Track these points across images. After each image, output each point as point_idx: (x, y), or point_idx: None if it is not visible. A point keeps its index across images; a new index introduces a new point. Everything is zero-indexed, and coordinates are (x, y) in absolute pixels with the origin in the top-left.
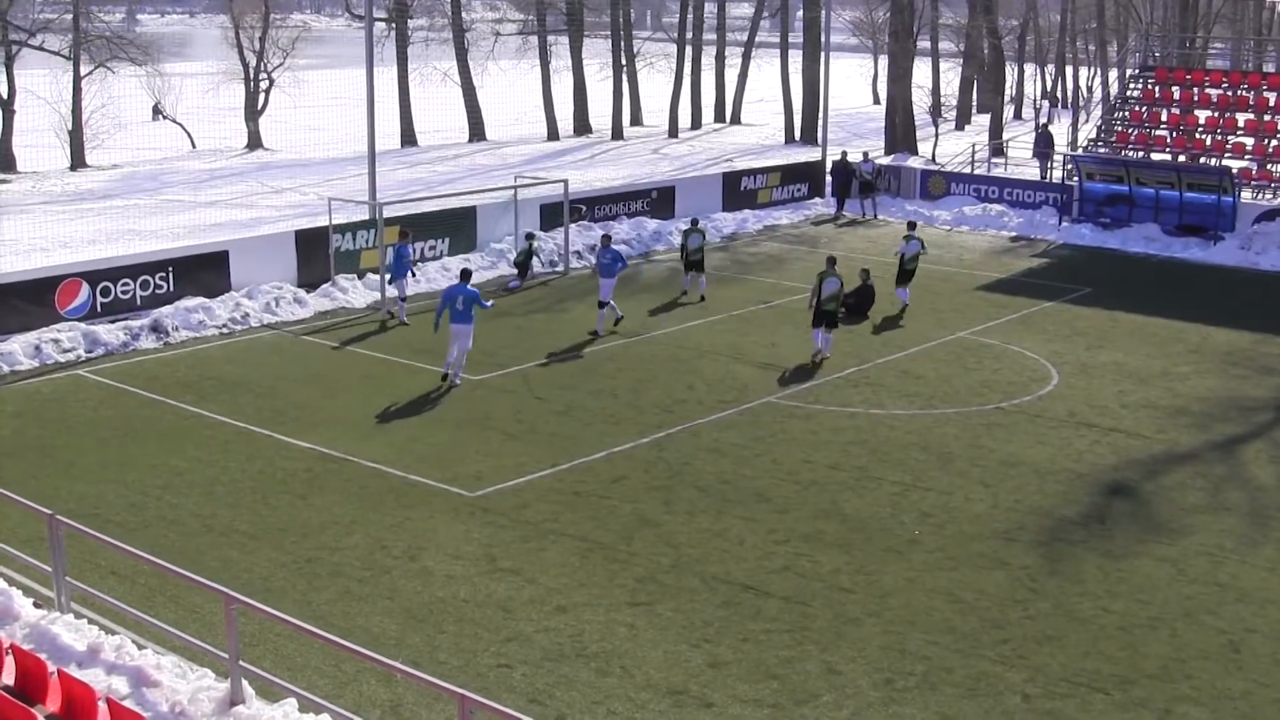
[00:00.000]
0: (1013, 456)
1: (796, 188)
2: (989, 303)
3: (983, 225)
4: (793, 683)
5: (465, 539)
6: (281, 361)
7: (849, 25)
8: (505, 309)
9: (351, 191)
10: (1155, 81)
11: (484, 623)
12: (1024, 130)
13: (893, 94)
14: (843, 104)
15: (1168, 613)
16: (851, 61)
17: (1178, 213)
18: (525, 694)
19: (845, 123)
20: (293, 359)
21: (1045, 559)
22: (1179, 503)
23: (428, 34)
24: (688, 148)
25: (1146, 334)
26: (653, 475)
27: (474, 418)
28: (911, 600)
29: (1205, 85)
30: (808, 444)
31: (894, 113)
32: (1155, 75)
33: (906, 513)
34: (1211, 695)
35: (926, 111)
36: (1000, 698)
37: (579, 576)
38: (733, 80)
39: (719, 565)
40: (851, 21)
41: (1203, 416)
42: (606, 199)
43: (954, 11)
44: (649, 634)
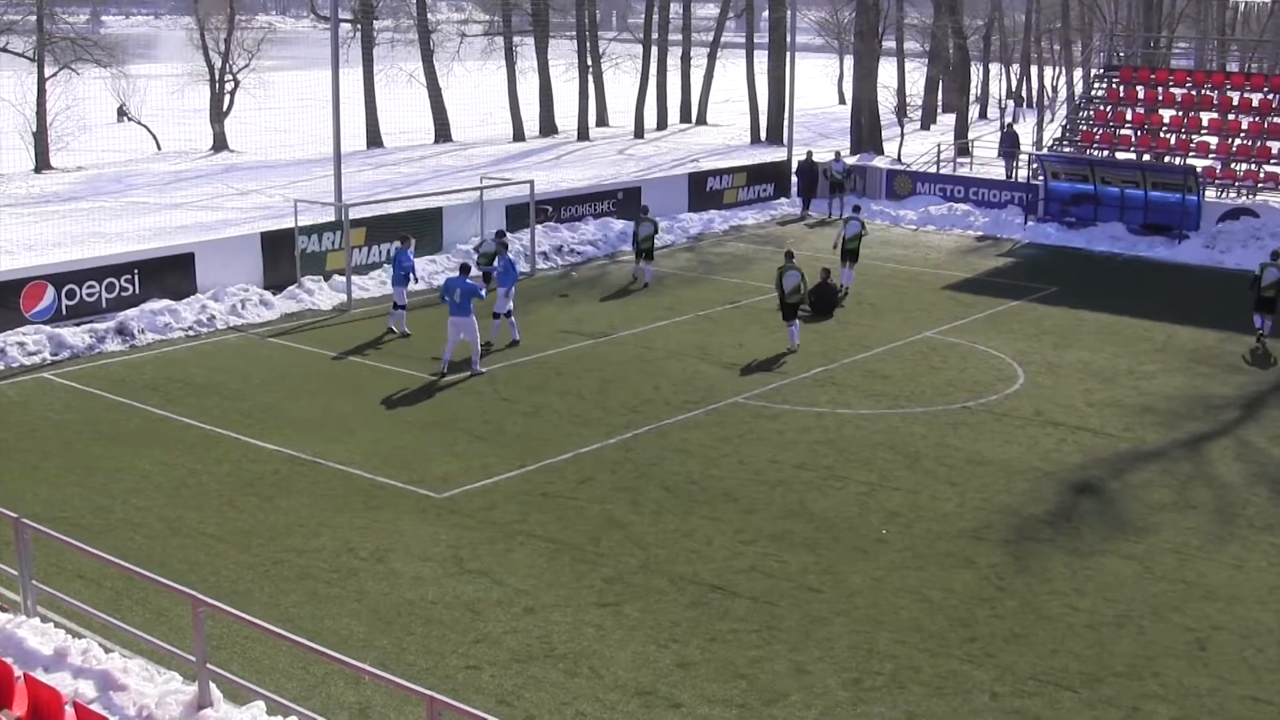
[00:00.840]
0: (980, 455)
1: (762, 188)
2: (955, 302)
3: (949, 225)
4: (761, 682)
5: (433, 540)
6: (248, 364)
7: (814, 25)
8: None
9: (317, 193)
10: (1120, 81)
11: (452, 624)
12: (989, 130)
13: (858, 94)
14: (808, 104)
15: (1135, 610)
16: (817, 61)
17: (1143, 212)
18: (494, 695)
19: (811, 123)
20: (259, 361)
21: (1013, 557)
22: (1146, 501)
23: (393, 35)
24: (653, 148)
25: (1112, 333)
26: (620, 476)
27: (441, 419)
28: (879, 599)
29: (1169, 84)
30: (775, 444)
31: (859, 112)
32: (1120, 75)
33: (874, 512)
34: (1179, 693)
35: (892, 111)
36: (968, 696)
37: (547, 577)
38: (698, 81)
39: (687, 565)
40: (817, 21)
41: (1169, 415)
42: (572, 200)
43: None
44: (617, 634)
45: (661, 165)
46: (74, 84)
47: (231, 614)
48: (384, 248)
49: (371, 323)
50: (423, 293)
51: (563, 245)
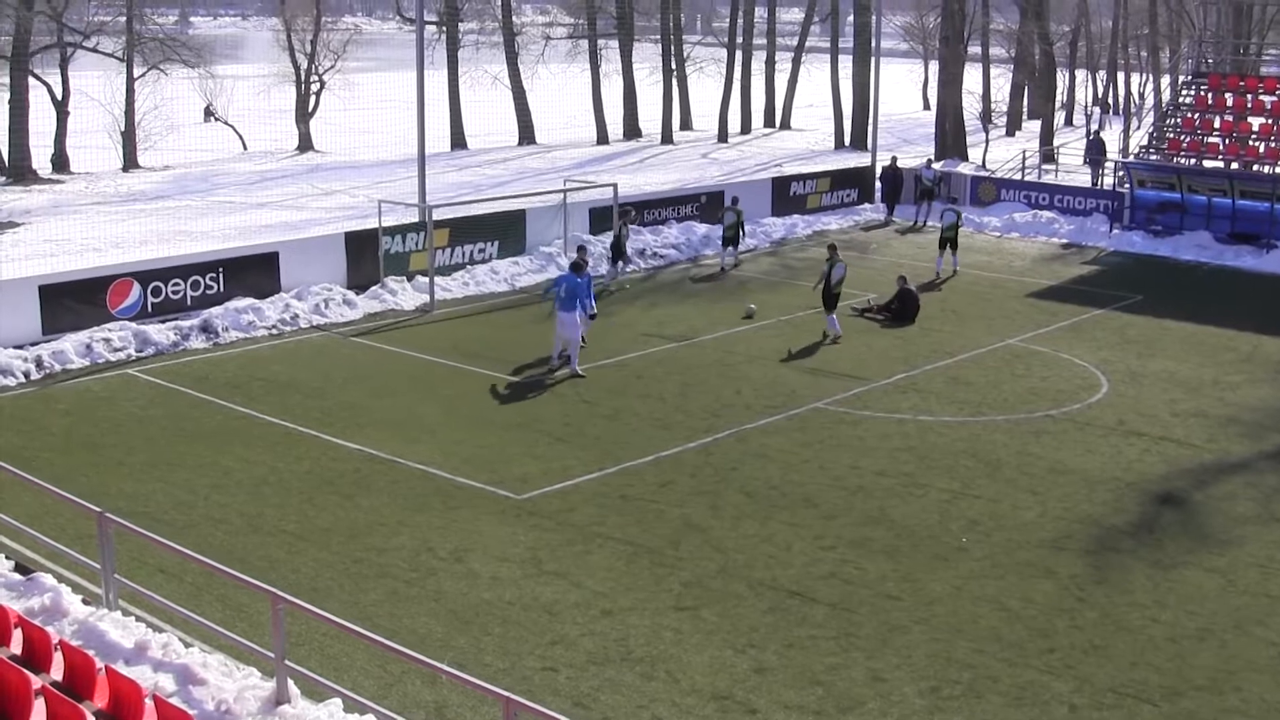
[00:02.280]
0: (1061, 464)
1: (846, 193)
2: (1039, 310)
3: (1033, 232)
4: (838, 690)
5: (511, 541)
6: (330, 363)
7: (899, 30)
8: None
9: (401, 194)
10: (1208, 88)
11: (529, 625)
12: (1075, 136)
13: (943, 99)
14: (892, 109)
15: (1217, 624)
16: (902, 67)
17: (1230, 220)
18: (570, 697)
19: (895, 128)
20: (341, 360)
21: (1093, 568)
22: (1229, 513)
23: (478, 37)
24: (737, 152)
25: (1197, 342)
26: (700, 480)
27: (521, 420)
28: (958, 608)
29: (1259, 92)
30: (855, 450)
31: (944, 118)
32: (1208, 82)
33: (954, 520)
34: (1260, 708)
35: (977, 117)
36: (1047, 707)
37: (625, 580)
38: (782, 85)
39: (765, 571)
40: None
41: (1254, 426)
42: (655, 203)
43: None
44: (694, 639)
45: (745, 169)
46: (162, 84)
47: (310, 611)
48: (467, 249)
49: (454, 324)
50: (504, 293)
51: (645, 248)
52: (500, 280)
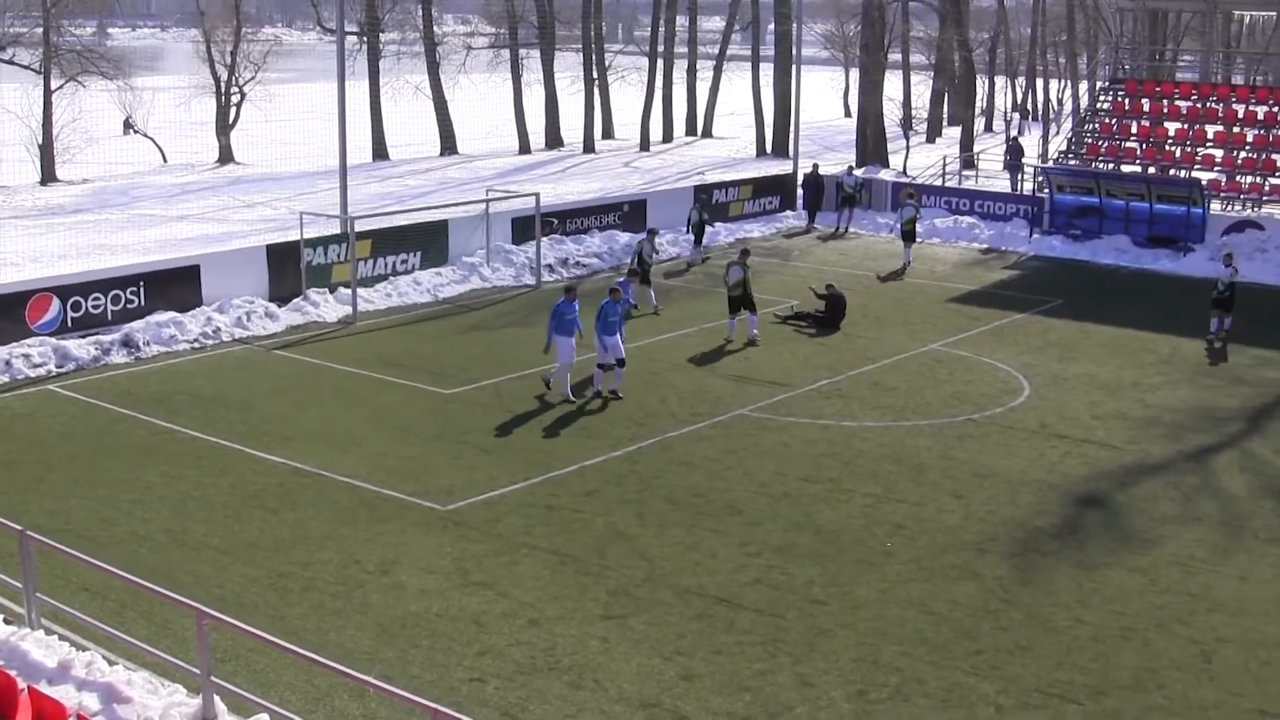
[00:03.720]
0: (985, 468)
1: (768, 200)
2: (961, 314)
3: (954, 237)
4: (766, 695)
5: (438, 553)
6: (253, 376)
7: (820, 38)
8: (476, 322)
9: (323, 205)
10: (1125, 94)
11: (457, 637)
12: (995, 142)
13: (864, 106)
14: (814, 117)
15: (1140, 623)
16: (823, 74)
17: (1148, 224)
18: (498, 708)
19: (816, 135)
20: (264, 373)
21: (1018, 570)
22: (1151, 513)
23: (399, 47)
24: (659, 161)
25: (1118, 345)
26: (625, 488)
27: (446, 431)
28: (884, 612)
29: (1175, 97)
30: (780, 456)
31: (865, 125)
32: (1125, 88)
33: (879, 525)
34: (1184, 705)
35: (897, 124)
36: (973, 709)
37: (551, 590)
38: (704, 93)
39: (692, 578)
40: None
41: (1174, 427)
42: (578, 212)
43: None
44: (622, 647)
45: (667, 178)
46: (80, 96)
47: (236, 626)
48: (389, 260)
49: (377, 335)
50: (427, 304)
51: (568, 258)
52: (423, 291)
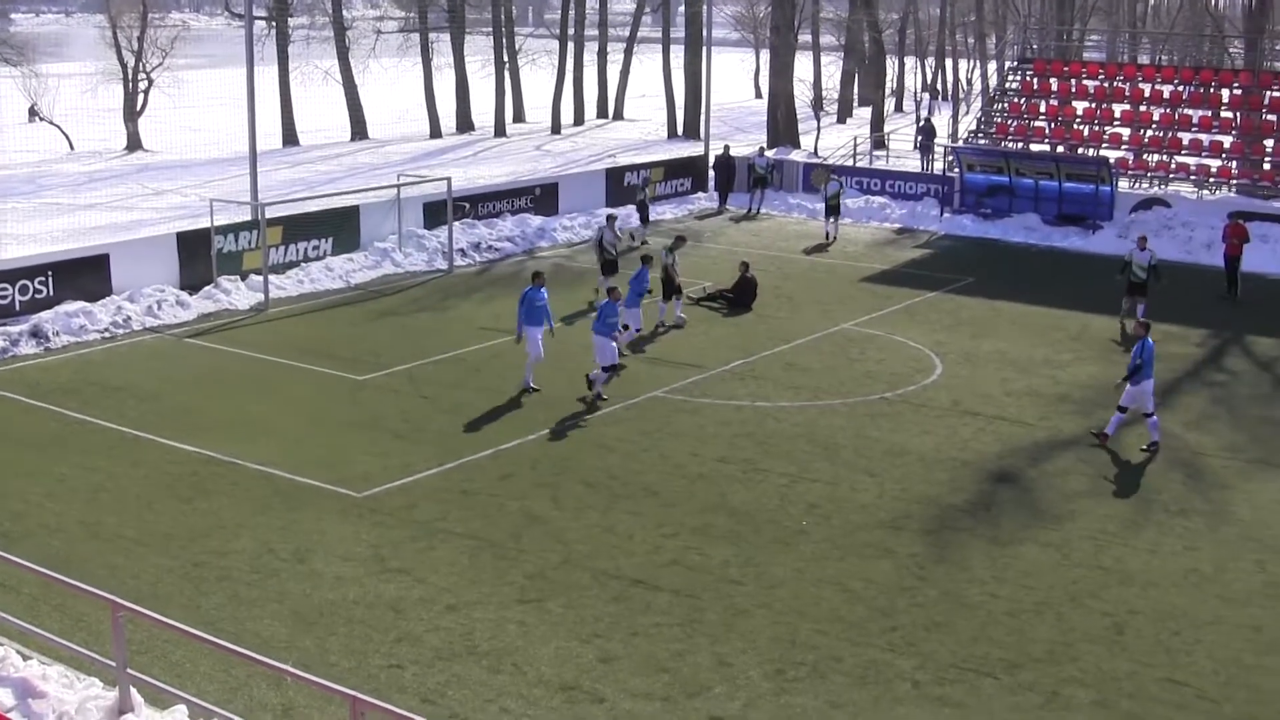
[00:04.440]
0: (898, 446)
1: (679, 182)
2: (873, 294)
3: (865, 218)
4: (684, 675)
5: (354, 540)
6: (165, 365)
7: (730, 20)
8: (389, 308)
9: (233, 192)
10: (1033, 74)
11: (374, 623)
12: (905, 123)
13: (774, 88)
14: (725, 98)
15: (1053, 597)
16: (733, 56)
17: (1057, 203)
18: (417, 694)
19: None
20: (176, 362)
21: (932, 547)
22: (1063, 489)
23: (308, 32)
24: (570, 144)
25: (1028, 322)
26: (540, 472)
27: (361, 418)
28: (800, 591)
29: (1082, 77)
30: (695, 437)
31: (776, 106)
32: (1033, 67)
33: (794, 504)
34: (1097, 677)
35: (808, 105)
36: (890, 685)
37: (469, 575)
38: (615, 76)
39: (608, 560)
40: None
41: (1085, 403)
42: (490, 196)
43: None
44: (540, 630)
45: (579, 161)
46: None
47: (151, 618)
48: (301, 246)
49: (290, 322)
50: (340, 290)
51: (480, 242)
52: (335, 277)
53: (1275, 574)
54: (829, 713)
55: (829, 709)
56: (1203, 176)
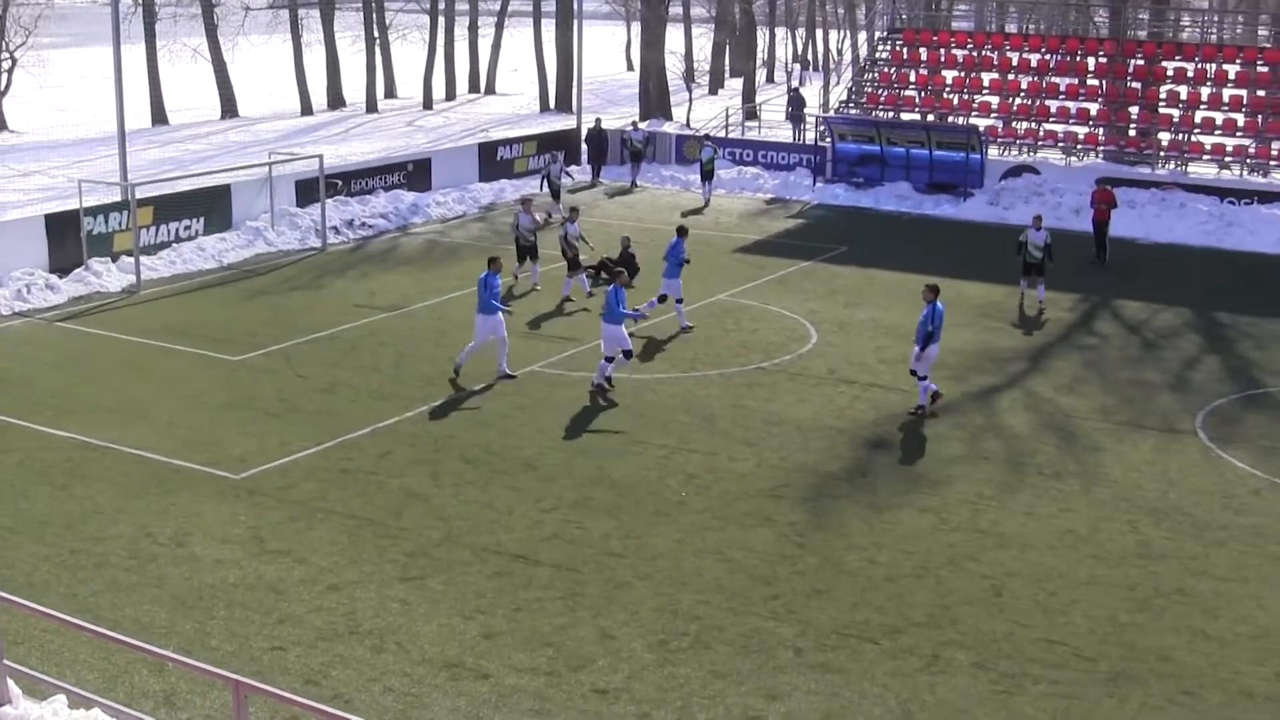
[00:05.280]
0: (775, 415)
1: (552, 156)
2: (747, 264)
3: (738, 188)
4: (568, 649)
5: (232, 522)
6: (36, 350)
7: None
8: (263, 287)
9: (102, 173)
10: (903, 43)
11: (255, 606)
12: (776, 93)
13: (646, 60)
14: (596, 71)
15: (932, 561)
16: (604, 28)
17: (928, 171)
18: (301, 675)
19: (599, 90)
20: (47, 347)
21: (811, 515)
22: (939, 454)
23: (176, 10)
24: (443, 119)
25: (902, 290)
26: (419, 449)
27: (236, 399)
28: (681, 561)
29: (951, 46)
30: (572, 411)
31: (648, 79)
32: (903, 37)
33: (673, 475)
34: (976, 639)
35: (680, 77)
36: (773, 653)
37: (349, 554)
38: (486, 50)
39: (489, 536)
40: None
41: (958, 369)
42: (362, 173)
43: None
44: (422, 608)
45: (451, 136)
46: None
47: (27, 607)
48: (172, 226)
49: (162, 303)
50: (212, 270)
51: (354, 219)
52: (208, 257)
53: (1147, 534)
54: (712, 682)
55: (712, 679)
56: (1070, 143)
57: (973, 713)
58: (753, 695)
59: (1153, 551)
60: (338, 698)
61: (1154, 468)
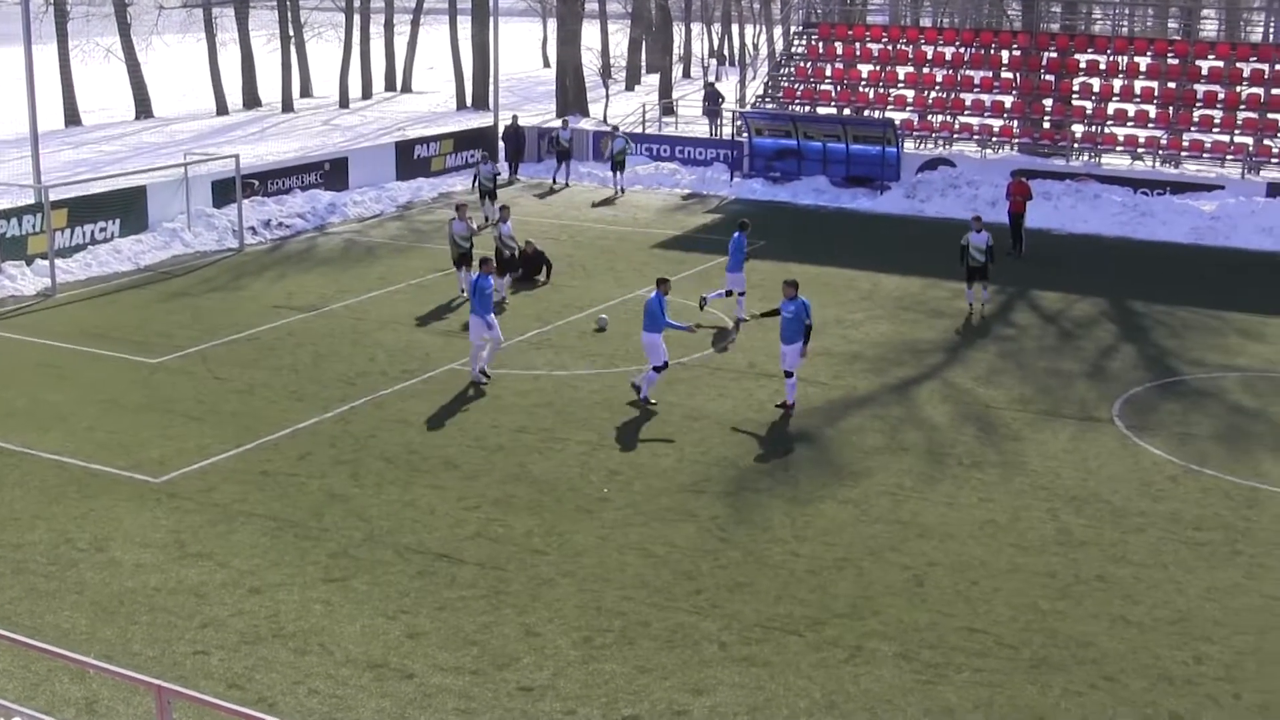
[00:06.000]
0: (696, 410)
1: (470, 154)
2: (666, 260)
3: (656, 184)
4: (492, 648)
5: (153, 526)
6: None
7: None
8: (180, 289)
9: (15, 175)
10: (818, 38)
11: (177, 610)
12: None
13: (562, 57)
14: (513, 69)
15: (854, 553)
16: (521, 25)
17: (845, 165)
18: (224, 679)
19: (516, 87)
20: None
21: (733, 508)
22: (859, 446)
23: (88, 9)
24: (359, 118)
25: (821, 283)
26: (340, 449)
27: (154, 402)
28: (605, 558)
29: (866, 40)
30: (493, 409)
31: (564, 75)
32: (818, 31)
33: (595, 471)
34: (899, 629)
35: (597, 73)
36: (697, 647)
37: (271, 556)
38: (402, 48)
39: (411, 535)
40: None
41: (877, 361)
42: (279, 173)
43: None
44: (345, 609)
45: (368, 134)
46: None
47: None
48: (87, 229)
49: (78, 306)
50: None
51: (271, 219)
52: (124, 259)
53: (1067, 522)
54: (637, 678)
55: (637, 674)
56: (985, 136)
57: (897, 703)
58: (678, 690)
59: (1073, 539)
60: (262, 701)
61: (1072, 456)
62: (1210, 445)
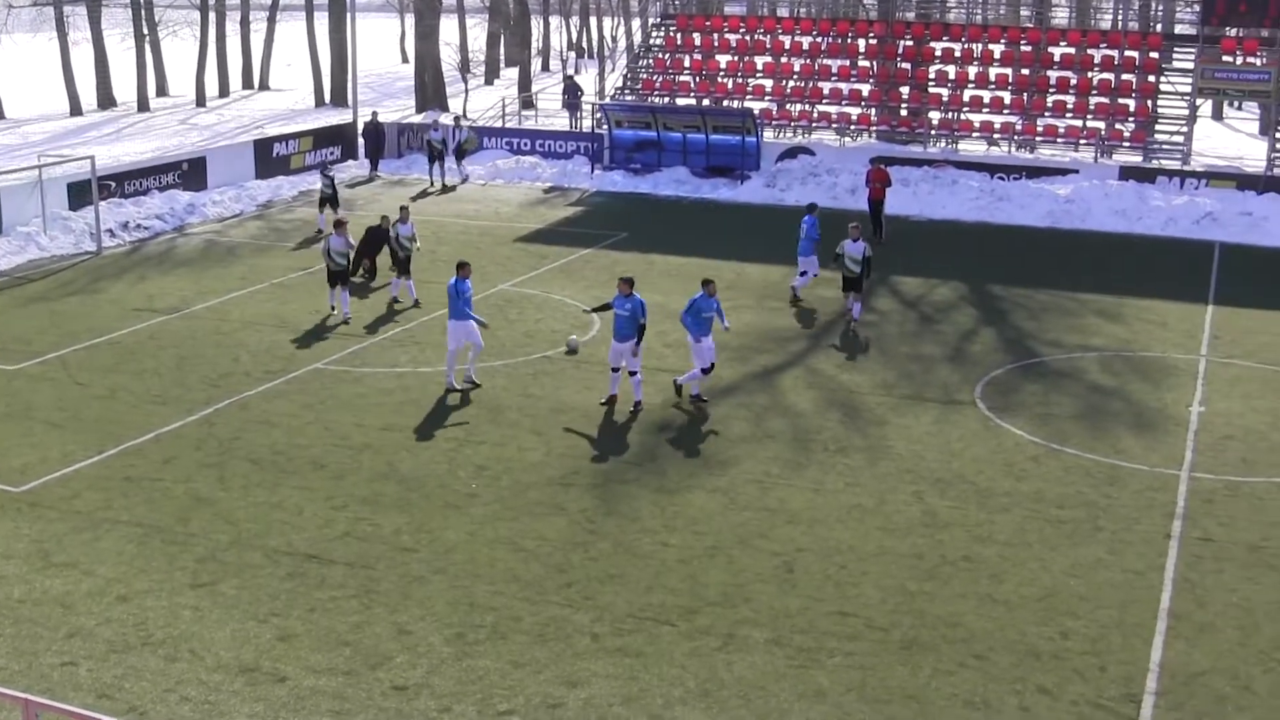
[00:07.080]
0: (562, 404)
1: (329, 151)
2: (528, 254)
3: (517, 178)
4: (365, 647)
5: (15, 536)
6: None
7: None
8: (37, 294)
9: None
10: (676, 29)
11: (42, 621)
12: (552, 82)
13: (421, 52)
14: (372, 65)
15: (724, 541)
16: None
17: (705, 155)
18: (93, 690)
19: (375, 83)
20: None
21: (602, 500)
22: (725, 434)
23: None
24: (217, 116)
25: (684, 274)
26: (204, 452)
27: (13, 409)
28: (475, 553)
29: (724, 31)
30: (358, 407)
31: (423, 71)
32: (676, 23)
33: (462, 467)
34: (770, 615)
35: (456, 68)
36: (570, 640)
37: (138, 563)
38: (259, 45)
39: (280, 537)
40: None
41: (742, 350)
42: (136, 174)
43: None
44: (215, 614)
45: (226, 133)
46: None
47: None
48: None
49: None
50: None
51: (129, 221)
52: None
53: (933, 504)
54: (511, 673)
55: (511, 669)
56: (844, 124)
57: (770, 689)
58: (552, 683)
59: (938, 521)
60: (133, 711)
61: (936, 439)
62: (1070, 425)
